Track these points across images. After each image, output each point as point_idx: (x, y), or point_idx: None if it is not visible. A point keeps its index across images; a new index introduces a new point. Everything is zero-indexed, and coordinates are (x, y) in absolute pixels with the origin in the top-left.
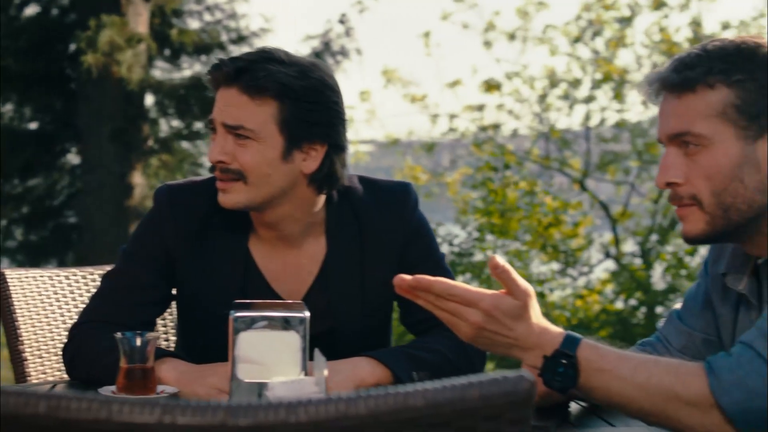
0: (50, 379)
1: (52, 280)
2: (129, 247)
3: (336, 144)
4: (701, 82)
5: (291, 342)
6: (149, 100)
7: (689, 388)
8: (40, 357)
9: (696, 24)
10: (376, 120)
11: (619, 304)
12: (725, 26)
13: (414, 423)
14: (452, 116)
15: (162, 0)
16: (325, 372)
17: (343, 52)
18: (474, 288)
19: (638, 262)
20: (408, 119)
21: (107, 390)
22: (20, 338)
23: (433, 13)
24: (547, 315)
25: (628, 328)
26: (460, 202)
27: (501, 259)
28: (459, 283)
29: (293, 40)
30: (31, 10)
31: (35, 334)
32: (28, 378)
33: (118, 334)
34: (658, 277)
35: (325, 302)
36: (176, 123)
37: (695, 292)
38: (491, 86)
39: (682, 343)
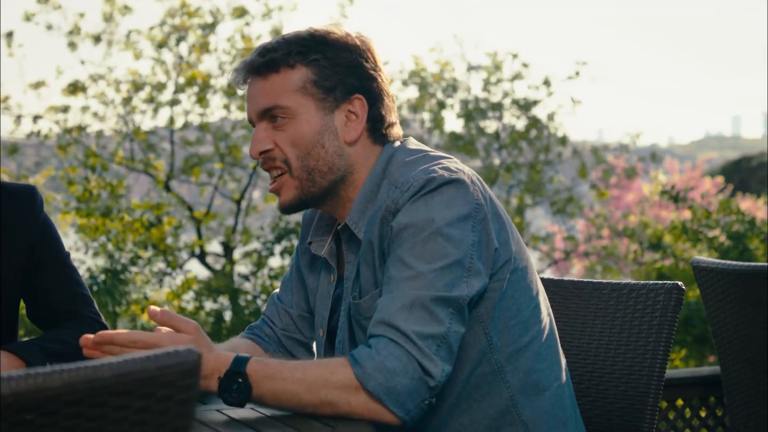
0: None
1: None
2: None
3: None
4: (283, 63)
5: None
6: None
7: (337, 374)
8: None
9: (277, 32)
10: None
11: (210, 304)
12: None
13: (103, 391)
14: (36, 117)
15: None
16: None
17: None
18: (150, 333)
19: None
20: None
21: None
22: None
23: (16, 14)
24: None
25: (221, 327)
26: (47, 204)
27: (156, 308)
28: (137, 331)
29: None
30: None
31: None
32: None
33: None
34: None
35: None
36: None
37: (290, 272)
38: (76, 88)
39: (284, 323)
